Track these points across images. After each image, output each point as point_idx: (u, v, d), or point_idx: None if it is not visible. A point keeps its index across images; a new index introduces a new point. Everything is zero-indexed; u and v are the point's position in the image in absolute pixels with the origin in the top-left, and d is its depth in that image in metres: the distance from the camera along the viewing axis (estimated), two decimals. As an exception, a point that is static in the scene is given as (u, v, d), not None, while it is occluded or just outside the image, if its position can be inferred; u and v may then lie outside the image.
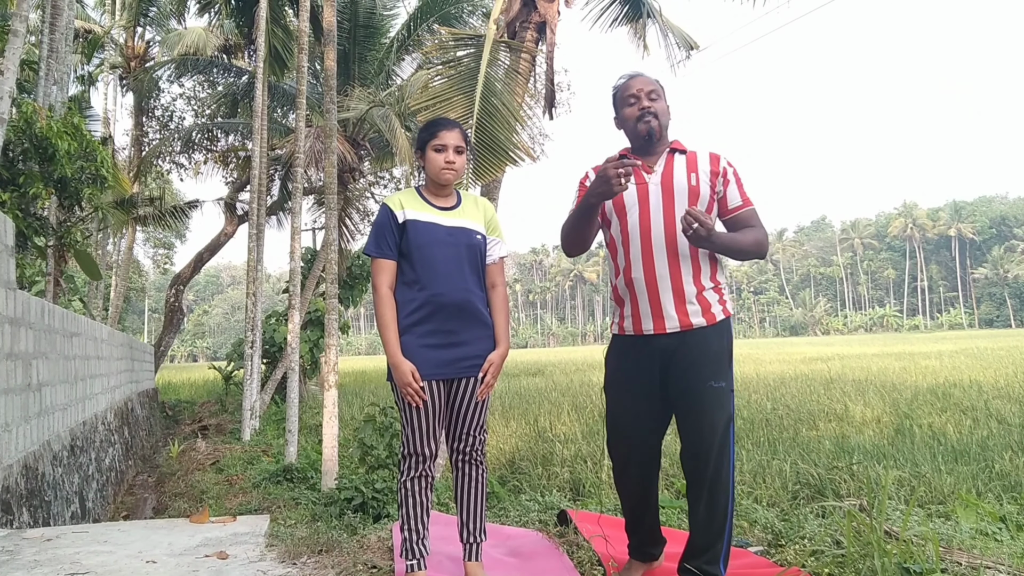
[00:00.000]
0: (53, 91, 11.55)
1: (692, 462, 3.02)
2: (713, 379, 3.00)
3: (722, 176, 3.17)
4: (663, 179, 3.12)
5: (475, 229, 3.25)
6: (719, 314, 3.09)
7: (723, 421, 2.99)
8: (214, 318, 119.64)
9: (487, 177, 8.33)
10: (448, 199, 3.30)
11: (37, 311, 6.59)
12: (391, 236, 3.18)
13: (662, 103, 3.20)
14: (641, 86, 3.19)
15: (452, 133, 3.25)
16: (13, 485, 5.34)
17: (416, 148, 3.39)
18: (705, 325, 3.05)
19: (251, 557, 3.66)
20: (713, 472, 2.96)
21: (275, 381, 18.82)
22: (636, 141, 3.23)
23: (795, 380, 18.25)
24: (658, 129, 3.15)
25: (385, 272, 3.18)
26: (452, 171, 3.23)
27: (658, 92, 3.21)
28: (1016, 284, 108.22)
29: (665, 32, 10.67)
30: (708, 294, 3.08)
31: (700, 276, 3.08)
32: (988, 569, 3.12)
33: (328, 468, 9.44)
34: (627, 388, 3.19)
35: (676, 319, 3.05)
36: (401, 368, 3.06)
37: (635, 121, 3.17)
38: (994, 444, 8.88)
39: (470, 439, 3.22)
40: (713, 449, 2.96)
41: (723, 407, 3.00)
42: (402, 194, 3.33)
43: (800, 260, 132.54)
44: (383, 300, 3.16)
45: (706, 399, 2.99)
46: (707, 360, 3.02)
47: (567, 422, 12.01)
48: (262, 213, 16.84)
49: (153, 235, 41.32)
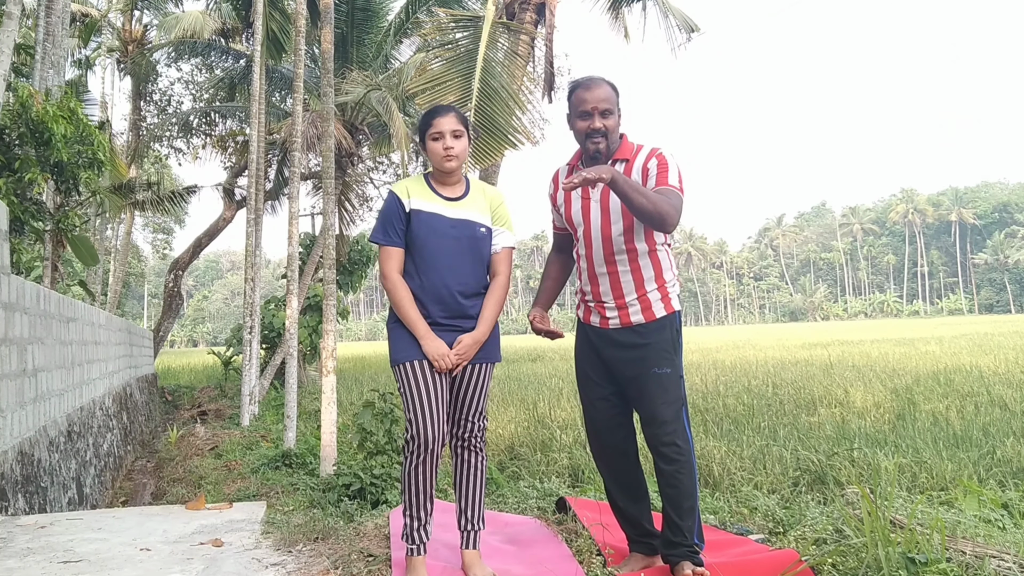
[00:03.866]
0: (50, 75, 11.45)
1: (650, 444, 3.26)
2: (656, 366, 3.24)
3: (646, 173, 3.30)
4: (602, 198, 3.32)
5: (479, 222, 3.24)
6: (660, 312, 3.32)
7: (672, 404, 3.22)
8: (214, 303, 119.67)
9: (487, 161, 8.25)
10: (455, 188, 3.28)
11: (32, 296, 6.54)
12: (399, 223, 3.19)
13: (613, 118, 3.34)
14: (596, 103, 3.30)
15: (447, 119, 3.21)
16: (8, 471, 5.30)
17: (418, 141, 3.37)
18: (644, 322, 3.30)
19: (246, 545, 3.63)
20: (670, 451, 3.18)
21: (274, 366, 18.80)
22: (585, 153, 3.41)
23: (795, 365, 18.21)
24: (604, 151, 3.33)
25: (393, 259, 3.19)
26: (453, 157, 3.20)
27: (612, 107, 3.32)
28: (1016, 270, 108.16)
29: (665, 14, 10.57)
30: (650, 295, 3.32)
31: (643, 282, 3.32)
32: (993, 558, 3.08)
33: (326, 454, 9.40)
34: (584, 368, 3.51)
35: (618, 318, 3.34)
36: (434, 342, 3.09)
37: (584, 138, 3.34)
38: (996, 430, 8.84)
39: (470, 425, 3.23)
40: (665, 430, 3.19)
41: (668, 391, 3.23)
42: (410, 181, 3.30)
43: (800, 246, 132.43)
44: (395, 285, 3.17)
45: (651, 384, 3.24)
46: (649, 350, 3.27)
47: (566, 408, 11.97)
48: (260, 198, 16.76)
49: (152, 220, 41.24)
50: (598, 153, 3.32)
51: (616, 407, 3.42)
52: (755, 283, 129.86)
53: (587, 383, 3.49)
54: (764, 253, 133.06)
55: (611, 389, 3.41)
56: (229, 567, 3.28)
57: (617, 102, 3.36)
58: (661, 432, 3.19)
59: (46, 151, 9.10)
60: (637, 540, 3.45)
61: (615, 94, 3.36)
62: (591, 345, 3.45)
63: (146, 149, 22.86)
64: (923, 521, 3.79)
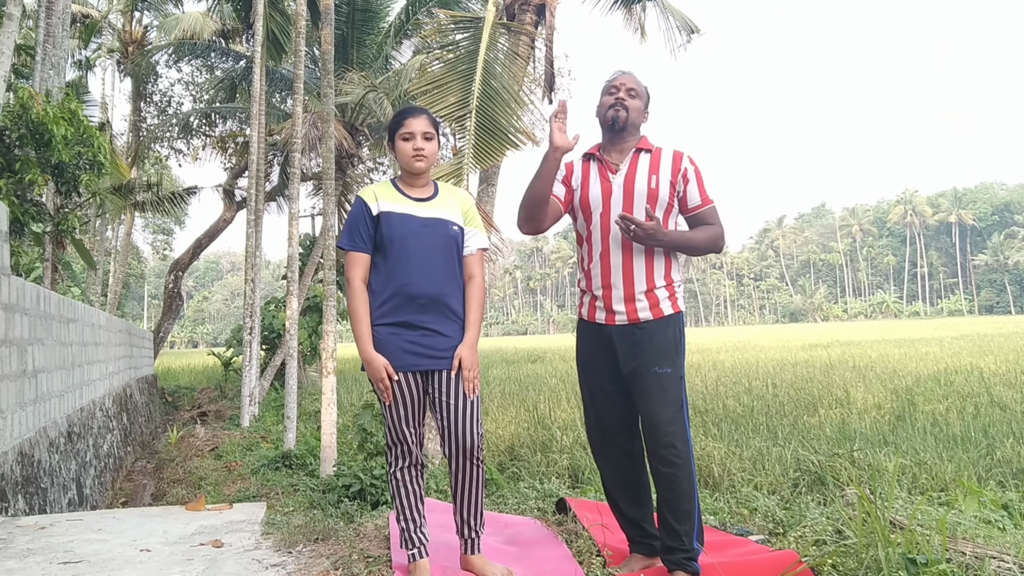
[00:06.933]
0: (50, 76, 11.45)
1: (648, 445, 3.25)
2: (657, 365, 3.23)
3: (683, 176, 3.37)
4: (625, 180, 3.33)
5: (451, 220, 3.19)
6: (667, 310, 3.32)
7: (671, 404, 3.20)
8: (214, 304, 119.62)
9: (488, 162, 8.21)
10: (424, 190, 3.24)
11: (32, 297, 6.54)
12: (365, 229, 3.14)
13: (638, 102, 3.39)
14: (624, 82, 3.40)
15: (418, 120, 3.18)
16: (8, 472, 5.30)
17: (387, 140, 3.32)
18: (651, 319, 3.29)
19: (246, 546, 3.63)
20: (668, 453, 3.15)
21: (274, 367, 18.80)
22: (605, 131, 3.44)
23: (795, 366, 18.21)
24: (623, 119, 3.34)
25: (358, 265, 3.14)
26: (422, 158, 3.16)
27: (639, 92, 3.40)
28: (1016, 271, 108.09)
29: (666, 15, 10.56)
30: (659, 291, 3.31)
31: (653, 275, 3.30)
32: (993, 559, 3.08)
33: (326, 455, 9.41)
34: (588, 367, 3.47)
35: (625, 314, 3.30)
36: (374, 364, 3.04)
37: (605, 109, 3.38)
38: (995, 431, 8.84)
39: (467, 440, 3.08)
40: (664, 430, 3.16)
41: (668, 391, 3.21)
42: (377, 186, 3.27)
43: (800, 247, 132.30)
44: (355, 294, 3.12)
45: (650, 383, 3.22)
46: (652, 349, 3.25)
47: (566, 409, 11.97)
48: (260, 199, 16.76)
49: (152, 221, 41.25)
50: (615, 120, 3.35)
51: (621, 407, 3.38)
52: (755, 284, 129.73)
53: (591, 382, 3.46)
54: (764, 254, 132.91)
55: (616, 388, 3.36)
56: (229, 568, 3.28)
57: (647, 96, 3.45)
58: (659, 433, 3.17)
59: (46, 152, 9.09)
60: (638, 541, 3.43)
61: (647, 91, 3.47)
62: (596, 343, 3.40)
63: (146, 150, 22.84)
64: (923, 522, 3.79)
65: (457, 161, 7.74)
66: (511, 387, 16.18)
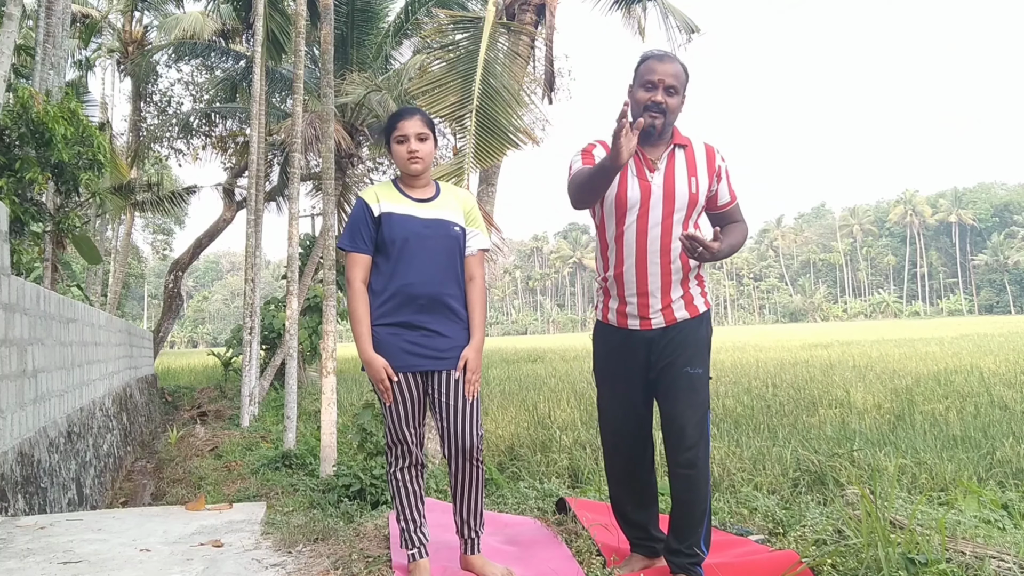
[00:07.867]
0: (50, 76, 11.44)
1: (671, 445, 3.14)
2: (689, 365, 3.13)
3: (717, 175, 3.27)
4: (665, 182, 3.15)
5: (453, 221, 3.17)
6: (701, 307, 3.24)
7: (699, 407, 3.11)
8: (214, 304, 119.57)
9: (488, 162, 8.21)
10: (425, 190, 3.22)
11: (32, 297, 6.54)
12: (366, 230, 3.12)
13: (677, 99, 3.15)
14: (664, 75, 3.11)
15: (412, 121, 3.15)
16: (8, 472, 5.30)
17: (384, 145, 3.30)
18: (688, 318, 3.20)
19: (246, 545, 3.63)
20: (691, 455, 3.07)
21: (274, 367, 18.79)
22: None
23: (795, 366, 18.22)
24: (659, 128, 3.13)
25: (359, 266, 3.13)
26: (418, 160, 3.14)
27: (678, 85, 3.14)
28: (1016, 271, 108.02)
29: (666, 14, 10.56)
30: (692, 289, 3.23)
31: (688, 274, 3.21)
32: (993, 559, 3.08)
33: (326, 454, 9.40)
34: (613, 373, 3.32)
35: (662, 317, 3.18)
36: (374, 364, 3.04)
37: (642, 109, 3.11)
38: (995, 431, 8.84)
39: (466, 441, 3.08)
40: (688, 432, 3.07)
41: (697, 392, 3.12)
42: (378, 187, 3.26)
43: (800, 247, 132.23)
44: (356, 295, 3.12)
45: (681, 383, 3.12)
46: (686, 348, 3.15)
47: (566, 409, 11.98)
48: (260, 199, 16.75)
49: (152, 221, 41.23)
50: (652, 128, 3.10)
51: (642, 415, 3.29)
52: (755, 284, 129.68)
53: (612, 389, 3.33)
54: (764, 254, 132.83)
55: (638, 395, 3.25)
56: (229, 568, 3.28)
57: (685, 84, 3.17)
58: (684, 436, 3.07)
59: (46, 152, 9.09)
60: (639, 542, 3.41)
61: (685, 76, 3.17)
62: (623, 348, 3.26)
63: (146, 150, 22.83)
64: (923, 522, 3.79)
65: (457, 161, 7.75)
66: (511, 387, 16.19)
